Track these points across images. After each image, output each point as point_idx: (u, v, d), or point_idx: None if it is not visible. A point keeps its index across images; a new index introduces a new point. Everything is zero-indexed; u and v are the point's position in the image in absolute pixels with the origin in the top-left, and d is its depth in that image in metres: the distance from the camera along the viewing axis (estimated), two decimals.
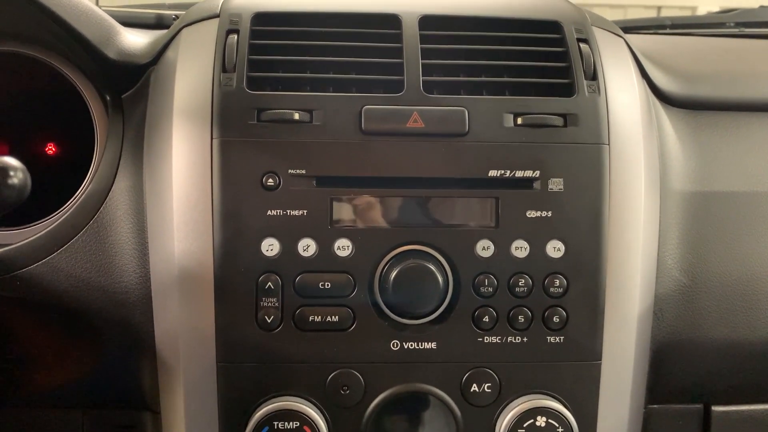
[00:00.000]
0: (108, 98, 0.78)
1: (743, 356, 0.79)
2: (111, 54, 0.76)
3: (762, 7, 1.40)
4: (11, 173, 0.55)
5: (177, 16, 1.00)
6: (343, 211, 0.68)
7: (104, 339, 0.73)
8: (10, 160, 0.56)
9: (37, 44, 0.80)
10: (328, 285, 0.68)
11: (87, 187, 0.74)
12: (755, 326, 0.78)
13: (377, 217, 0.69)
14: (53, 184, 0.79)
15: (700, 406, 0.84)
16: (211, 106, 0.68)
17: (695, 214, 0.78)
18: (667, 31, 1.25)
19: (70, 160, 0.86)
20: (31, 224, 0.77)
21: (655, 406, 0.81)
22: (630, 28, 1.25)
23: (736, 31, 1.22)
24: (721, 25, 1.27)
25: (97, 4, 1.19)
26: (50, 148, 0.90)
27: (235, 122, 0.68)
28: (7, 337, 0.76)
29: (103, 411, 0.81)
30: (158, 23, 1.00)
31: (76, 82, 0.80)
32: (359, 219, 0.69)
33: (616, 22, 1.30)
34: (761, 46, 1.08)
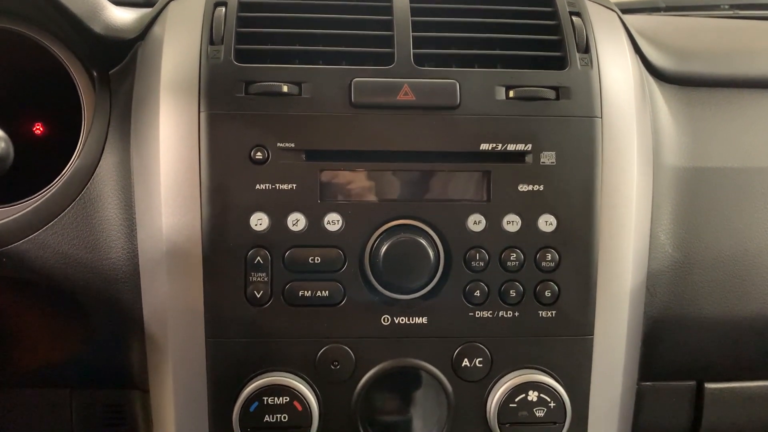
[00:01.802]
0: (95, 74, 0.77)
1: (736, 332, 0.79)
2: (97, 29, 0.75)
3: None
4: None
5: None
6: (333, 185, 0.68)
7: (92, 316, 0.73)
8: None
9: (22, 19, 0.78)
10: (317, 260, 0.67)
11: (74, 164, 0.73)
12: (748, 302, 0.78)
13: (367, 192, 0.68)
14: (41, 162, 0.78)
15: (692, 383, 0.84)
16: (199, 80, 0.67)
17: (688, 190, 0.77)
18: (662, 13, 1.25)
19: (58, 137, 0.84)
20: (19, 202, 0.76)
21: (648, 383, 0.81)
22: (625, 10, 1.25)
23: (730, 13, 1.22)
24: (716, 7, 1.27)
25: None
26: (38, 128, 0.89)
27: (222, 95, 0.67)
28: None
29: (91, 390, 0.80)
30: (147, 1, 0.98)
31: (62, 58, 0.79)
32: (349, 193, 0.68)
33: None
34: (756, 26, 1.07)
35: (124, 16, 0.79)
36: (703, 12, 1.26)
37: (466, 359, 0.69)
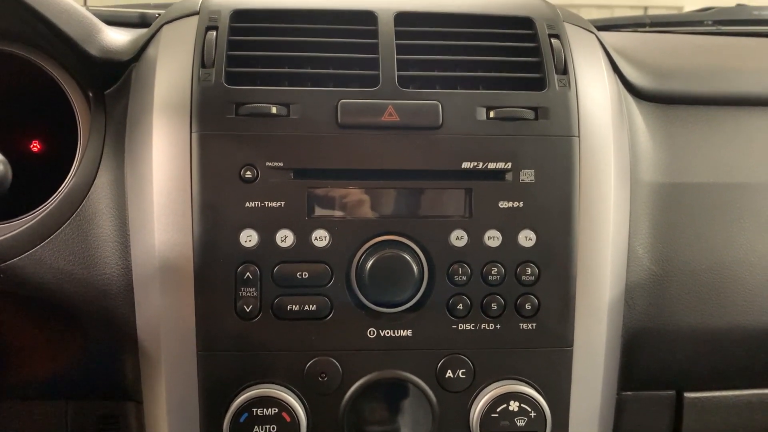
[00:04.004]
0: (91, 94, 0.80)
1: (713, 343, 0.81)
2: (93, 51, 0.77)
3: (738, 5, 1.43)
4: None
5: (160, 15, 1.02)
6: (321, 203, 0.70)
7: (87, 330, 0.75)
8: None
9: (19, 41, 0.80)
10: (305, 275, 0.69)
11: (70, 182, 0.75)
12: (724, 313, 0.80)
13: (354, 209, 0.70)
14: (38, 179, 0.80)
15: (672, 392, 0.86)
16: (191, 101, 0.70)
17: (665, 205, 0.80)
18: (647, 29, 1.27)
19: (54, 155, 0.87)
20: (15, 219, 0.78)
21: (628, 392, 0.83)
22: (610, 26, 1.28)
23: (713, 29, 1.25)
24: (700, 23, 1.30)
25: (84, 4, 1.20)
26: (35, 145, 0.92)
27: (213, 116, 0.69)
28: None
29: (86, 402, 0.82)
30: (142, 22, 1.01)
31: (59, 79, 0.81)
32: (336, 210, 0.70)
33: (599, 21, 1.32)
34: (735, 43, 1.10)
35: (119, 39, 0.81)
36: (688, 27, 1.28)
37: (449, 370, 0.71)
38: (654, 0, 3.43)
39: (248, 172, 0.69)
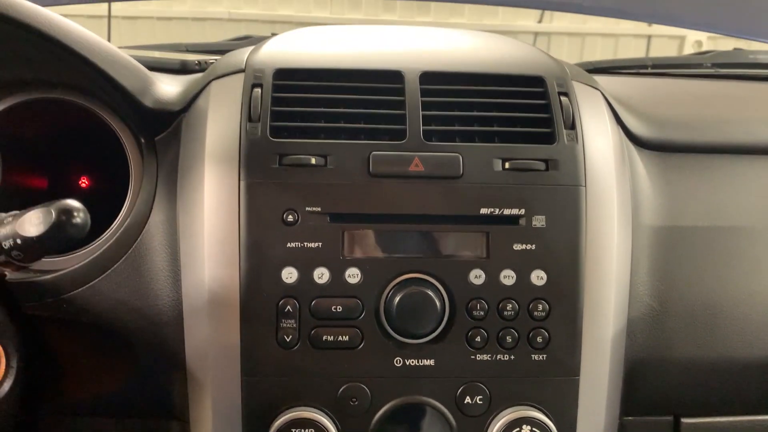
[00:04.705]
0: (143, 140, 0.87)
1: (708, 373, 0.88)
2: (147, 102, 0.84)
3: (736, 49, 1.52)
4: (75, 214, 0.64)
5: (199, 62, 1.10)
6: (354, 244, 0.77)
7: (140, 355, 0.82)
8: (74, 203, 0.65)
9: (79, 92, 0.87)
10: (339, 308, 0.77)
11: (126, 221, 0.83)
12: (718, 346, 0.87)
13: (383, 249, 0.78)
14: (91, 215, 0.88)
15: (670, 418, 0.92)
16: (239, 152, 0.77)
17: (664, 247, 0.87)
18: (649, 71, 1.35)
19: (107, 194, 0.94)
20: (74, 252, 0.85)
21: (629, 418, 0.90)
22: (614, 68, 1.36)
23: (712, 71, 1.32)
24: (699, 65, 1.37)
25: (108, 40, 1.28)
26: (83, 181, 1.00)
27: (259, 166, 0.77)
28: (53, 354, 0.84)
29: (135, 420, 0.89)
30: (182, 68, 1.09)
31: (114, 126, 0.87)
32: (367, 251, 0.78)
33: (603, 62, 1.40)
34: (731, 91, 1.18)
35: (171, 90, 0.88)
36: (688, 69, 1.36)
37: (468, 396, 0.78)
38: (657, 30, 3.53)
39: (290, 216, 0.77)
